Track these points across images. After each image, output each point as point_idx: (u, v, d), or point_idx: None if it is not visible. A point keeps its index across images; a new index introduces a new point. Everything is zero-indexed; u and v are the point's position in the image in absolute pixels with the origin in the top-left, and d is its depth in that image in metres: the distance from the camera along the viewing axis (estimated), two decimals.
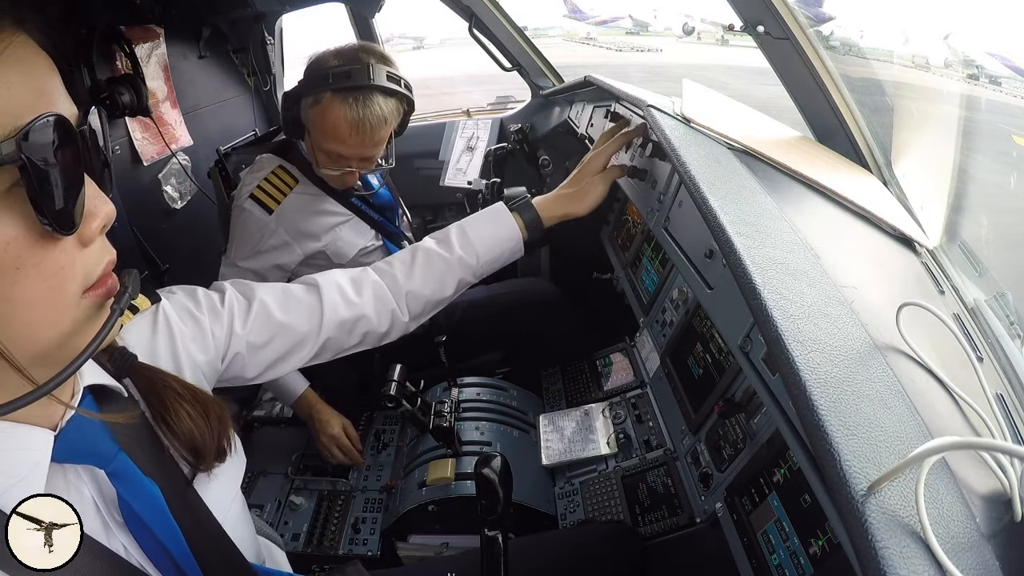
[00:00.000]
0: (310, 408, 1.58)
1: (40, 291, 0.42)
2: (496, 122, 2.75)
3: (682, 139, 1.04)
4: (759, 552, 0.89)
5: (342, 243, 1.57)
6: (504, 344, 1.80)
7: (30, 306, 0.42)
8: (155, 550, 0.55)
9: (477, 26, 2.30)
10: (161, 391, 0.61)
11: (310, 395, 1.59)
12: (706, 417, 1.17)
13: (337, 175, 1.43)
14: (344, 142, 1.36)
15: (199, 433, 0.61)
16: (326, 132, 1.35)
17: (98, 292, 0.46)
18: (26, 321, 0.42)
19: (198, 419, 0.62)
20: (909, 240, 1.06)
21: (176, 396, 0.62)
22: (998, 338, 0.89)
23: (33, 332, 0.43)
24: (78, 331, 0.45)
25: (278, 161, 1.50)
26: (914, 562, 0.42)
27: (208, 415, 0.63)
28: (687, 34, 38.62)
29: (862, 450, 0.49)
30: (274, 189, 1.46)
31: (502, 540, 0.76)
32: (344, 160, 1.40)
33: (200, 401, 0.64)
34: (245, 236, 1.48)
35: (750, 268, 0.69)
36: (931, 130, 1.33)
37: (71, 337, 0.45)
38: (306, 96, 1.36)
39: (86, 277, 0.46)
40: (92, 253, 0.46)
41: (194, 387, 0.65)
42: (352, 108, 1.31)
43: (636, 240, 1.83)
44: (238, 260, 1.49)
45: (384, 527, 1.38)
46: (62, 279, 0.44)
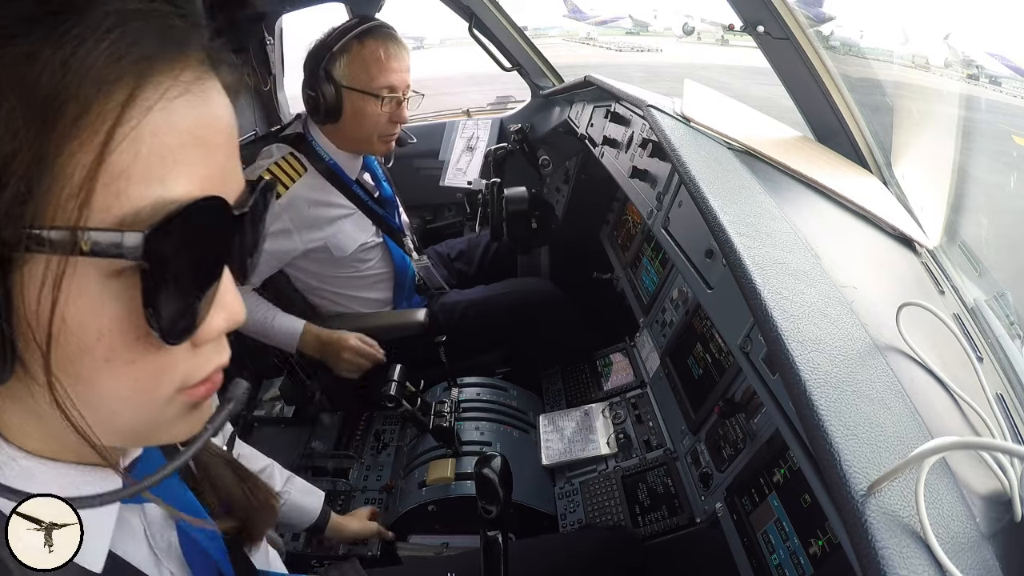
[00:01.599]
0: (316, 340, 1.54)
1: (127, 387, 0.34)
2: (496, 122, 2.75)
3: (682, 139, 1.04)
4: (759, 552, 0.89)
5: (344, 236, 1.56)
6: (504, 344, 1.80)
7: (112, 399, 0.34)
8: None
9: (477, 26, 2.29)
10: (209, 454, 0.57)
11: (310, 329, 1.54)
12: (706, 417, 1.17)
13: (388, 126, 1.49)
14: (388, 69, 1.44)
15: (238, 502, 0.57)
16: (369, 69, 1.43)
17: (194, 395, 0.38)
18: (105, 409, 0.35)
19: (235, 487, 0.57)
20: (909, 240, 1.06)
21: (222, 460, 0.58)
22: (998, 338, 0.89)
23: (111, 418, 0.36)
24: (162, 426, 0.39)
25: (288, 149, 1.49)
26: (914, 562, 0.42)
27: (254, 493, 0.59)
28: (687, 34, 38.63)
29: (862, 450, 0.49)
30: (283, 174, 1.45)
31: (502, 540, 0.76)
32: (394, 91, 1.47)
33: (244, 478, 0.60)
34: None
35: (750, 268, 0.69)
36: (931, 130, 1.33)
37: (153, 430, 0.39)
38: (333, 59, 1.42)
39: (185, 381, 0.37)
40: (201, 355, 0.37)
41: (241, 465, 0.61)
42: (380, 37, 1.44)
43: (636, 240, 1.83)
44: None
45: (384, 527, 1.38)
46: (157, 383, 0.35)
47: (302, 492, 1.09)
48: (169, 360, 0.35)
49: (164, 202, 0.30)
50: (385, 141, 1.54)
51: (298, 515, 1.09)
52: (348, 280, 1.66)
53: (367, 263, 1.66)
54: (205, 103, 0.32)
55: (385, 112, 1.47)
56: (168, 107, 0.30)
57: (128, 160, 0.29)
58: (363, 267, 1.66)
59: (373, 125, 1.49)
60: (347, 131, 1.50)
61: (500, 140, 2.63)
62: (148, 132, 0.29)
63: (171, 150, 0.30)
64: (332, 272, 1.63)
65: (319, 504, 1.11)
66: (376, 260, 1.68)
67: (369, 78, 1.43)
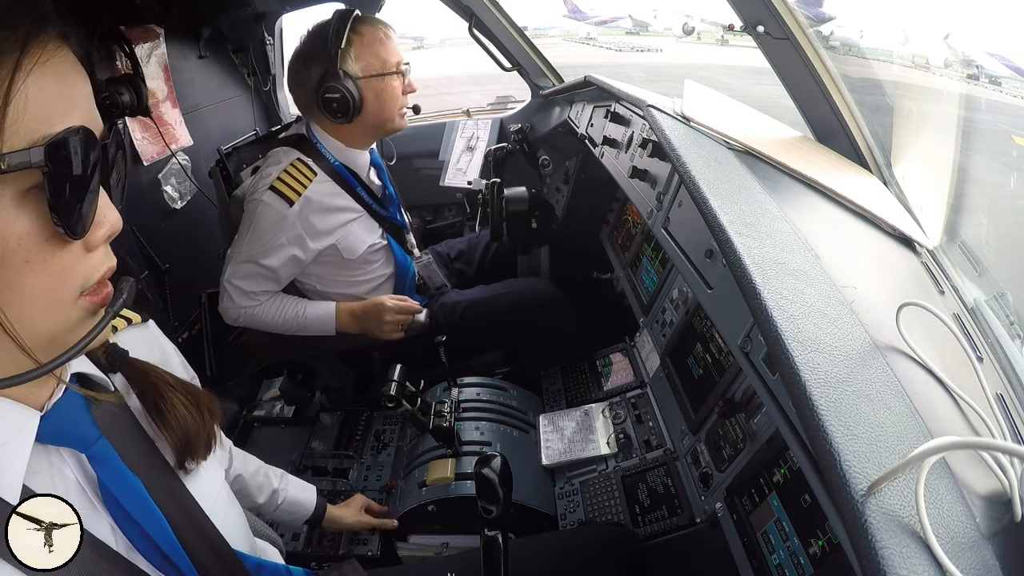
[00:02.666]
0: (351, 315, 1.58)
1: (43, 286, 0.45)
2: (496, 122, 2.75)
3: (682, 139, 1.04)
4: (759, 552, 0.89)
5: (353, 239, 1.58)
6: (504, 344, 1.80)
7: (32, 298, 0.45)
8: (136, 534, 0.57)
9: (477, 26, 2.29)
10: (155, 382, 0.64)
11: (342, 307, 1.58)
12: (706, 417, 1.17)
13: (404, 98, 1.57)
14: (391, 45, 1.52)
15: (192, 422, 0.64)
16: (378, 53, 1.49)
17: (94, 300, 0.49)
18: (26, 311, 0.45)
19: (191, 409, 0.64)
20: (909, 240, 1.06)
21: (169, 387, 0.64)
22: (998, 338, 0.89)
23: (32, 322, 0.45)
24: (71, 329, 0.48)
25: (296, 154, 1.50)
26: (914, 562, 0.42)
27: (199, 406, 0.66)
28: (687, 34, 38.60)
29: (862, 450, 0.49)
30: (295, 181, 1.46)
31: (502, 540, 0.76)
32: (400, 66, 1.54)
33: (191, 392, 0.66)
34: (259, 230, 1.45)
35: (750, 268, 0.69)
36: (931, 130, 1.33)
37: (64, 333, 0.48)
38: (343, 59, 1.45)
39: (86, 280, 0.49)
40: (95, 258, 0.49)
41: (184, 381, 0.68)
42: (368, 21, 1.50)
43: (636, 240, 1.83)
44: (249, 256, 1.47)
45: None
46: (64, 278, 0.46)
47: (297, 488, 1.15)
48: (71, 260, 0.46)
49: (54, 132, 0.42)
50: (403, 115, 1.60)
51: (296, 510, 1.14)
52: (353, 283, 1.66)
53: (373, 265, 1.67)
54: (66, 63, 0.45)
55: (401, 85, 1.55)
56: (41, 70, 0.42)
57: (22, 106, 0.41)
58: (369, 269, 1.66)
59: (395, 102, 1.55)
60: (369, 120, 1.53)
61: (500, 140, 2.64)
62: (33, 87, 0.42)
63: (49, 98, 0.43)
64: (338, 275, 1.63)
65: (313, 497, 1.18)
66: (380, 262, 1.69)
67: (382, 62, 1.50)
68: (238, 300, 1.50)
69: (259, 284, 1.50)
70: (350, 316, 1.57)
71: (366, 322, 1.57)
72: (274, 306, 1.54)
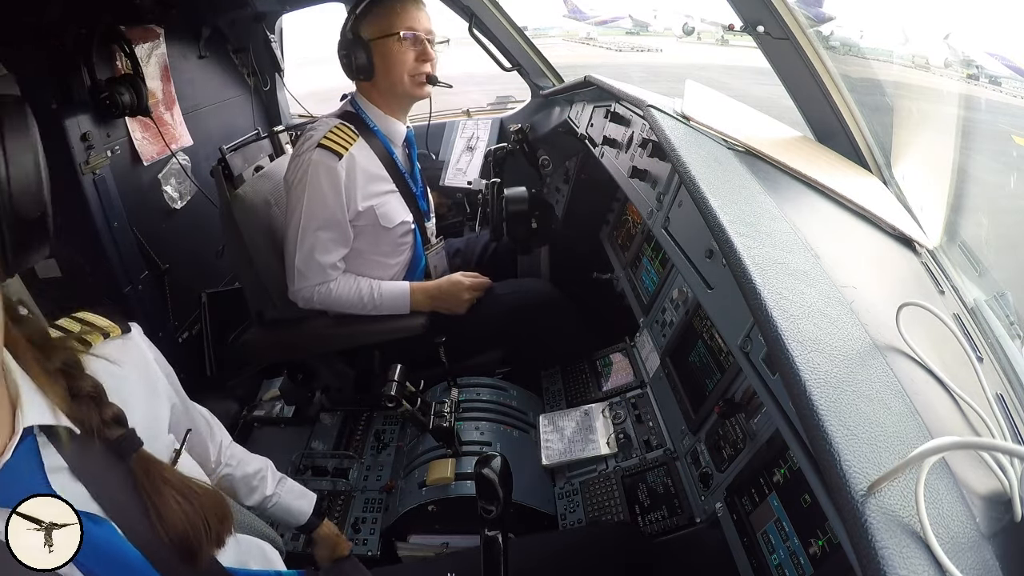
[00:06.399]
0: (425, 295, 1.64)
1: None
2: (496, 122, 2.75)
3: (682, 139, 1.04)
4: (759, 552, 0.89)
5: (390, 208, 1.62)
6: (504, 344, 1.79)
7: None
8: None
9: (477, 26, 2.30)
10: (155, 479, 0.59)
11: (415, 287, 1.65)
12: (706, 417, 1.17)
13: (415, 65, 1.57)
14: (403, 13, 1.53)
15: (192, 531, 0.59)
16: (388, 17, 1.52)
17: None
18: None
19: (193, 516, 0.59)
20: (909, 240, 1.06)
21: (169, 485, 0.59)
22: (998, 338, 0.89)
23: None
24: None
25: (337, 120, 1.56)
26: (914, 562, 0.42)
27: (207, 515, 0.60)
28: (687, 34, 38.56)
29: (862, 450, 0.49)
30: (340, 139, 1.51)
31: (502, 540, 0.76)
32: (420, 39, 1.56)
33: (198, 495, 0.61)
34: (315, 187, 1.49)
35: (750, 268, 0.69)
36: (931, 130, 1.33)
37: None
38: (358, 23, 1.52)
39: None
40: None
41: (187, 478, 0.62)
42: None
43: (636, 240, 1.83)
44: (312, 222, 1.50)
45: (384, 527, 1.38)
46: None
47: (293, 495, 1.09)
48: None
49: None
50: (417, 82, 1.59)
51: (287, 517, 1.09)
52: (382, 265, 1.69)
53: (402, 246, 1.70)
54: None
55: (409, 51, 1.55)
56: None
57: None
58: (399, 249, 1.70)
59: (401, 65, 1.55)
60: (381, 83, 1.58)
61: (500, 140, 2.64)
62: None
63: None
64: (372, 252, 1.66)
65: (309, 508, 1.10)
66: (408, 244, 1.72)
67: (388, 24, 1.54)
68: (312, 277, 1.55)
69: (330, 251, 1.55)
70: (424, 294, 1.64)
71: (442, 300, 1.65)
72: (349, 281, 1.60)
